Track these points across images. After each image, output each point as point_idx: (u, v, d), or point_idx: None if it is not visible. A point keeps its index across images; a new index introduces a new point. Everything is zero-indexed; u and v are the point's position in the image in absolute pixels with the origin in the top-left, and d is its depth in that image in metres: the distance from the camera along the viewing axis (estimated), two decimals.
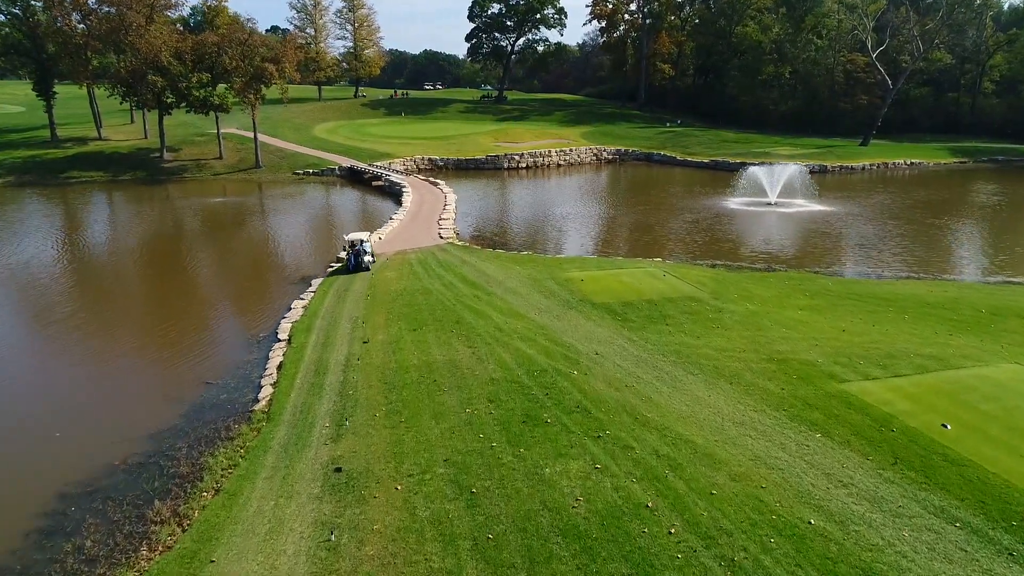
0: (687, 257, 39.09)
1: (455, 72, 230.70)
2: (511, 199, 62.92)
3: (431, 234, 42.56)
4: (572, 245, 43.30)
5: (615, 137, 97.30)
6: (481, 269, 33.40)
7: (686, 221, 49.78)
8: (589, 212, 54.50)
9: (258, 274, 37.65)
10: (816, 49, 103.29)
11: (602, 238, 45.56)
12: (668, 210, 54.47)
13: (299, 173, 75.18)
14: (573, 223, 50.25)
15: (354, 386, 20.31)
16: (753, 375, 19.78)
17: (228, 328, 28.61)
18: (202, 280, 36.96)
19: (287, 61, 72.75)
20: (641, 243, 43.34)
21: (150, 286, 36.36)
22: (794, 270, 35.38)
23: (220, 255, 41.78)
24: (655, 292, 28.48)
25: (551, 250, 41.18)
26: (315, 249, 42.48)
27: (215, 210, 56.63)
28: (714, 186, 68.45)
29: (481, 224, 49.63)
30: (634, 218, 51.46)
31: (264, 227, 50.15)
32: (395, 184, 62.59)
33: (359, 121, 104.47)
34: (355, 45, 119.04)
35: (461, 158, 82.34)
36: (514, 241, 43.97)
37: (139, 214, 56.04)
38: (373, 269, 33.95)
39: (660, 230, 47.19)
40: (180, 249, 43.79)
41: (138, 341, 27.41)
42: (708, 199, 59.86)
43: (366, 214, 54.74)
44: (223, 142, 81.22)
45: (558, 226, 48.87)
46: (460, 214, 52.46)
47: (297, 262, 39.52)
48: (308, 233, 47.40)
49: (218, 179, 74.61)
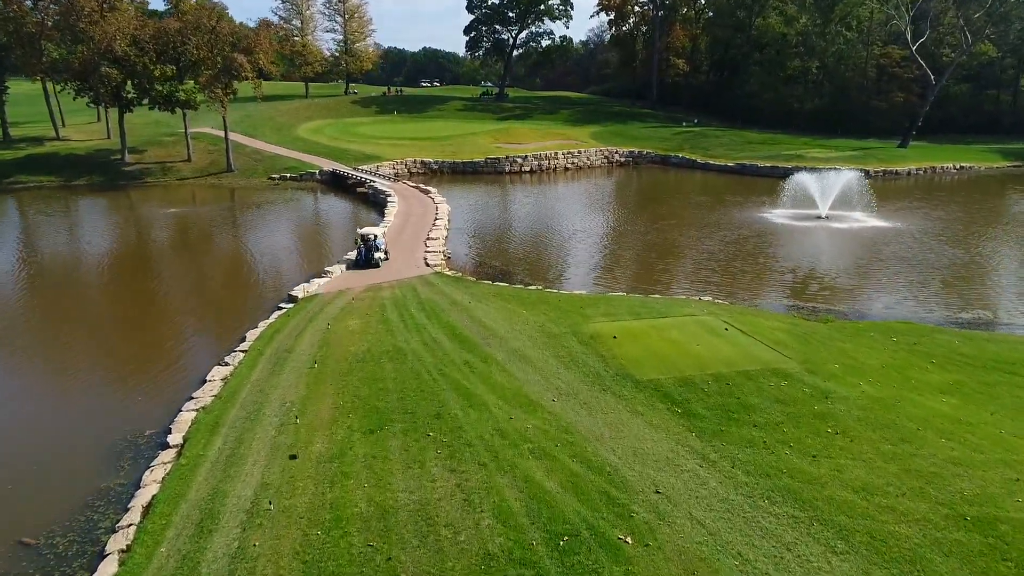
0: (742, 293, 30.58)
1: (455, 70, 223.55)
2: (514, 210, 54.40)
3: (415, 259, 34.05)
4: (591, 274, 34.76)
5: (627, 138, 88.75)
6: (476, 316, 24.92)
7: (725, 240, 41.26)
8: (606, 228, 45.97)
9: (185, 317, 29.10)
10: (845, 42, 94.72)
11: (627, 264, 36.96)
12: (700, 225, 45.93)
13: (275, 178, 66.76)
14: (589, 243, 41.73)
15: (252, 569, 11.83)
16: (947, 559, 11.29)
17: (103, 421, 19.25)
18: (110, 330, 28.34)
19: (261, 52, 64.29)
20: (676, 271, 34.84)
21: (21, 342, 27.54)
22: (894, 319, 26.80)
23: (146, 290, 33.14)
24: (721, 359, 20.00)
25: (566, 282, 32.61)
26: (266, 280, 33.99)
27: (163, 225, 48.09)
28: (745, 194, 59.97)
29: (478, 244, 41.10)
30: (661, 236, 42.92)
31: (213, 249, 41.56)
32: (379, 192, 54.11)
33: (348, 120, 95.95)
34: (345, 38, 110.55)
35: (457, 161, 73.87)
36: (519, 268, 35.43)
37: (73, 228, 47.61)
38: (331, 316, 25.48)
39: (696, 252, 38.65)
40: (98, 280, 35.29)
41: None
42: (743, 210, 51.37)
43: (341, 230, 46.23)
44: (192, 143, 72.78)
45: (572, 247, 40.32)
46: (453, 230, 43.99)
47: (241, 300, 31.06)
48: (263, 258, 38.86)
49: (183, 184, 66.18)
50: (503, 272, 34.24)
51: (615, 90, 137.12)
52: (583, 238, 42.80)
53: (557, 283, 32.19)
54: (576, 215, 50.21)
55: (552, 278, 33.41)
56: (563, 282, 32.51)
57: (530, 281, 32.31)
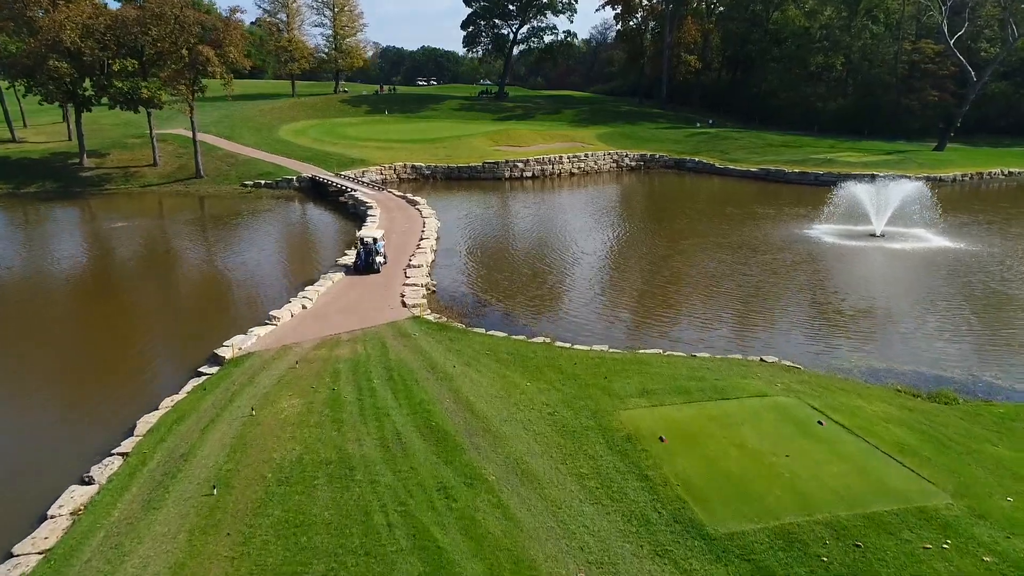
0: (811, 349, 23.53)
1: (454, 69, 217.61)
2: (513, 225, 47.39)
3: (390, 296, 27.08)
4: (610, 316, 27.68)
5: (637, 140, 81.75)
6: (462, 392, 17.97)
7: (768, 266, 34.24)
8: (622, 250, 38.91)
9: (62, 393, 21.91)
10: (872, 36, 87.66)
11: (653, 301, 29.71)
12: (732, 245, 38.93)
13: (247, 185, 59.82)
14: (603, 270, 34.68)
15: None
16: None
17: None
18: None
19: (231, 45, 57.32)
20: (719, 313, 27.74)
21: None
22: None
23: (26, 350, 26.14)
24: (832, 489, 13.04)
25: (580, 328, 25.55)
26: (203, 323, 27.05)
27: (98, 244, 40.98)
28: (775, 204, 52.99)
29: (470, 271, 34.03)
30: (689, 261, 35.88)
31: (145, 279, 34.13)
32: (359, 203, 47.14)
33: (335, 120, 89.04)
34: (335, 33, 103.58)
35: (452, 165, 66.91)
36: (519, 305, 28.35)
37: (5, 246, 40.61)
38: (262, 390, 18.48)
39: (736, 284, 31.59)
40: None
41: None
42: (778, 225, 44.40)
43: (309, 250, 39.23)
44: (159, 146, 65.89)
45: (582, 275, 33.25)
46: (442, 250, 37.04)
47: (157, 356, 23.98)
48: (205, 292, 31.88)
49: (145, 192, 59.25)
50: (500, 312, 27.24)
51: (620, 89, 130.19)
52: (595, 263, 35.80)
53: (568, 329, 25.16)
54: (585, 232, 43.21)
55: (561, 322, 26.36)
56: (575, 328, 25.48)
57: (534, 326, 25.31)
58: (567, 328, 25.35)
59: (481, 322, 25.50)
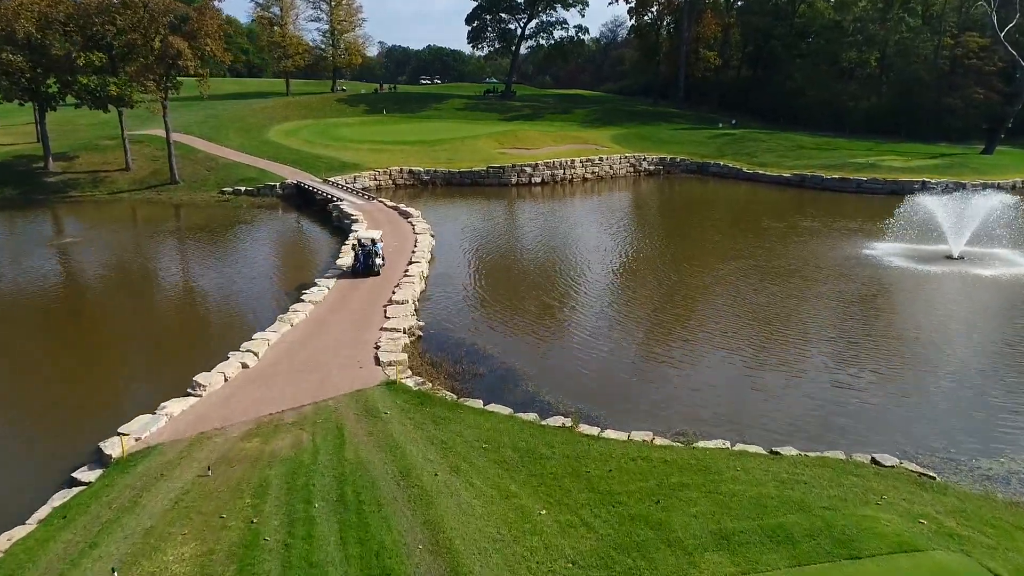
0: (936, 436, 17.18)
1: (461, 69, 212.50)
2: (521, 243, 41.24)
3: (360, 346, 20.94)
4: (648, 377, 21.35)
5: (654, 141, 75.42)
6: (446, 529, 11.92)
7: (834, 300, 27.93)
8: (653, 276, 32.53)
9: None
10: (909, 29, 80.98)
11: (702, 356, 23.17)
12: (781, 270, 32.65)
13: (227, 192, 53.92)
14: (632, 307, 28.28)
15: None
16: None
17: None
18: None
19: (207, 35, 51.38)
20: (786, 373, 21.41)
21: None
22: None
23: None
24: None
25: (611, 399, 19.24)
26: (109, 390, 21.02)
27: (39, 266, 34.92)
28: (818, 215, 46.67)
29: (467, 306, 27.72)
30: (734, 292, 29.51)
31: (78, 315, 28.29)
32: (345, 216, 41.08)
33: (330, 120, 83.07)
34: (332, 28, 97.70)
35: (454, 170, 60.81)
36: (525, 361, 21.78)
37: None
38: (147, 521, 12.39)
39: (800, 329, 25.18)
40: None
41: None
42: (828, 242, 38.14)
43: (281, 275, 33.09)
44: (132, 149, 60.08)
45: (607, 315, 26.84)
46: (434, 277, 30.89)
47: (36, 439, 17.92)
48: (140, 334, 25.86)
49: (113, 200, 53.48)
50: (502, 369, 21.02)
51: (632, 88, 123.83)
52: (619, 297, 29.62)
53: (593, 397, 18.96)
54: (605, 253, 37.02)
55: (583, 384, 20.13)
56: (603, 395, 19.27)
57: (547, 393, 19.13)
58: (591, 394, 19.16)
59: (478, 386, 19.36)
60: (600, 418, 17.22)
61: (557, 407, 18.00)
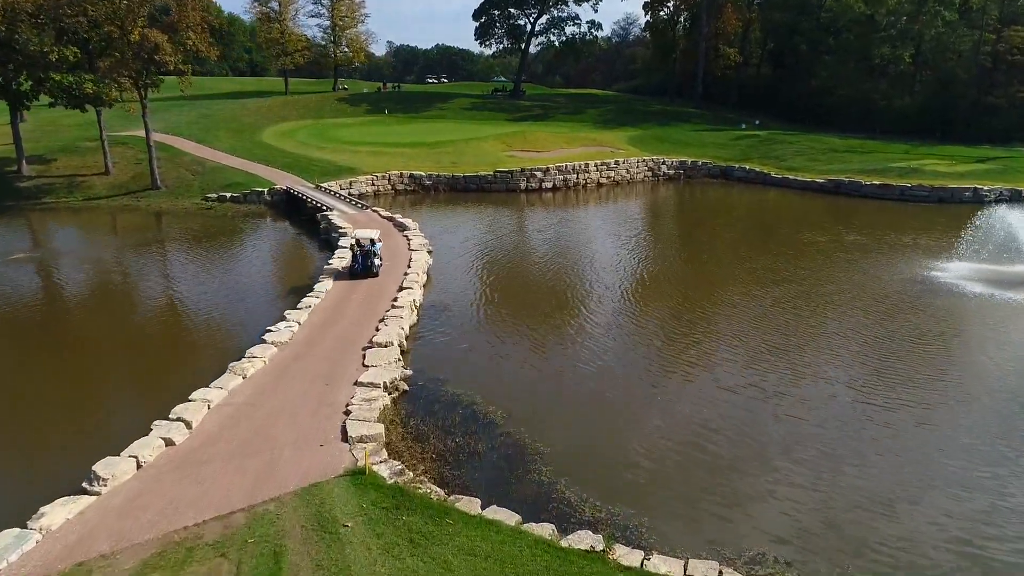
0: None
1: (469, 68, 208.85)
2: (532, 261, 36.57)
3: (326, 410, 16.31)
4: (702, 466, 16.17)
5: (674, 144, 70.55)
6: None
7: (912, 341, 23.08)
8: (688, 305, 27.74)
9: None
10: (945, 23, 75.71)
11: (767, 423, 18.13)
12: (836, 298, 27.87)
13: (211, 198, 49.57)
14: (670, 348, 23.29)
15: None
16: None
17: None
18: None
19: (188, 29, 47.01)
20: (908, 469, 16.55)
21: None
22: None
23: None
24: None
25: (660, 505, 14.34)
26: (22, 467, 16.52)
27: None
28: (863, 228, 41.76)
29: (465, 347, 22.90)
30: (790, 330, 24.70)
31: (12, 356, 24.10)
32: (333, 228, 36.53)
33: (329, 121, 78.78)
34: (333, 24, 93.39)
35: (458, 175, 56.21)
36: (540, 438, 16.88)
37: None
38: None
39: (883, 384, 20.49)
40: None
41: None
42: (883, 260, 33.34)
43: (247, 308, 28.32)
44: (113, 151, 55.92)
45: (641, 369, 21.80)
46: (428, 309, 26.21)
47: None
48: (70, 390, 21.36)
49: (88, 207, 49.23)
50: (505, 447, 16.21)
51: (645, 87, 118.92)
52: (653, 334, 24.85)
53: (630, 504, 14.08)
54: (628, 274, 32.31)
55: (616, 485, 15.02)
56: (645, 500, 14.38)
57: (566, 493, 14.22)
58: (630, 490, 14.40)
59: (475, 473, 14.74)
60: (643, 532, 12.53)
61: (582, 510, 13.34)
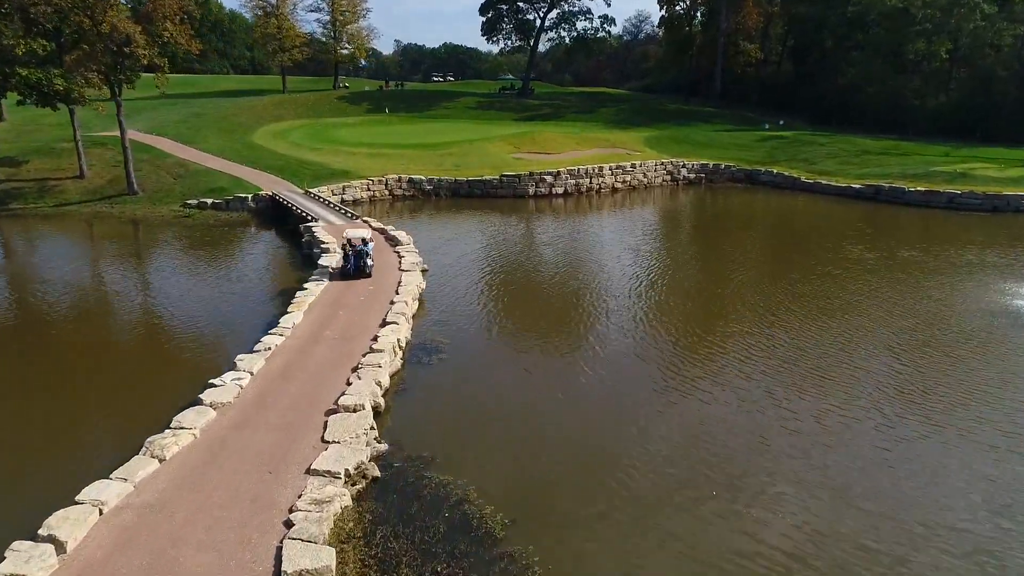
0: None
1: (477, 67, 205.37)
2: (541, 282, 32.09)
3: (261, 516, 11.92)
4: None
5: (694, 145, 65.91)
6: None
7: (1017, 395, 18.56)
8: (736, 346, 23.26)
9: None
10: (983, 17, 70.65)
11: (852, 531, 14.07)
12: (911, 336, 23.28)
13: (190, 205, 45.41)
14: (719, 410, 18.97)
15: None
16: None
17: None
18: None
19: (164, 19, 42.82)
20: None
21: None
22: None
23: None
24: None
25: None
26: None
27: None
28: (913, 240, 37.06)
29: (460, 411, 18.20)
30: (875, 387, 20.26)
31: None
32: (316, 243, 32.15)
33: (327, 121, 74.64)
34: (333, 18, 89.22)
35: (461, 179, 51.84)
36: (554, 558, 12.85)
37: None
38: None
39: (992, 455, 16.01)
40: None
41: None
42: (950, 281, 28.68)
43: (204, 346, 23.97)
44: (92, 153, 52.12)
45: (684, 435, 17.53)
46: (416, 349, 21.69)
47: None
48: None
49: (57, 214, 45.17)
50: (517, 563, 11.86)
51: (658, 86, 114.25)
52: (693, 386, 20.29)
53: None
54: (656, 301, 27.83)
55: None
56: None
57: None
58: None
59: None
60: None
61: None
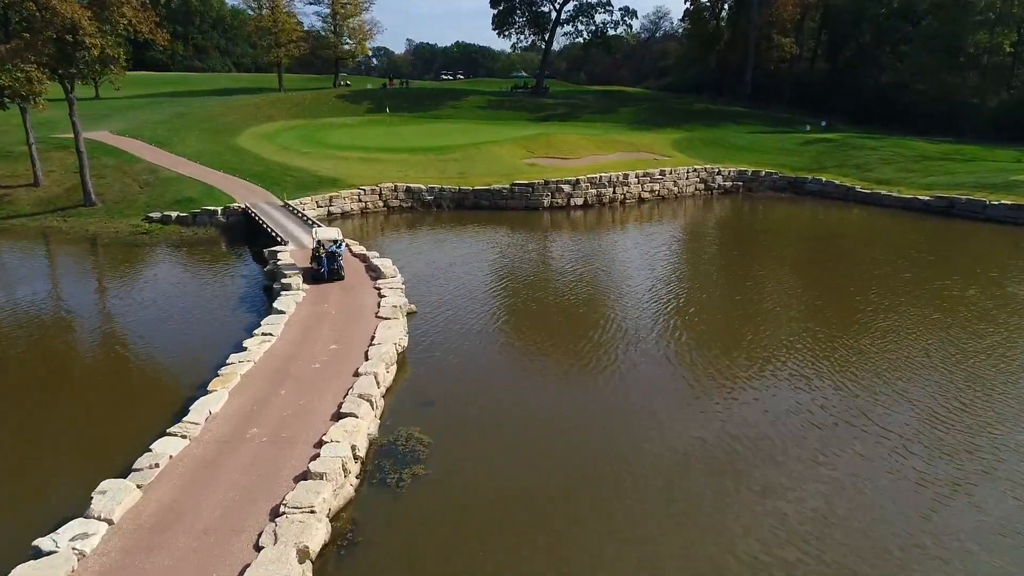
0: None
1: (490, 65, 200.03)
2: (564, 334, 25.53)
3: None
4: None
5: (727, 149, 59.08)
6: None
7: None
8: (821, 446, 16.68)
9: None
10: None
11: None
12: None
13: (153, 219, 39.41)
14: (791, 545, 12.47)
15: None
16: None
17: None
18: None
19: (119, 3, 36.71)
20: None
21: None
22: None
23: None
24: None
25: None
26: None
27: None
28: (1012, 268, 30.09)
29: (439, 544, 12.12)
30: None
31: None
32: (280, 274, 25.75)
33: (323, 121, 68.47)
34: (333, 12, 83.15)
35: (466, 188, 45.36)
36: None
37: None
38: None
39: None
40: None
41: None
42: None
43: (130, 422, 17.73)
44: (50, 158, 46.43)
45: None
46: (381, 455, 15.14)
47: None
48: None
49: (5, 227, 39.35)
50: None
51: (678, 85, 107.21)
52: (760, 512, 13.76)
53: None
54: (707, 358, 21.28)
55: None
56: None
57: None
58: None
59: None
60: None
61: None
